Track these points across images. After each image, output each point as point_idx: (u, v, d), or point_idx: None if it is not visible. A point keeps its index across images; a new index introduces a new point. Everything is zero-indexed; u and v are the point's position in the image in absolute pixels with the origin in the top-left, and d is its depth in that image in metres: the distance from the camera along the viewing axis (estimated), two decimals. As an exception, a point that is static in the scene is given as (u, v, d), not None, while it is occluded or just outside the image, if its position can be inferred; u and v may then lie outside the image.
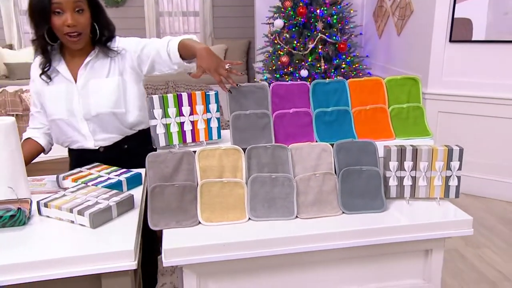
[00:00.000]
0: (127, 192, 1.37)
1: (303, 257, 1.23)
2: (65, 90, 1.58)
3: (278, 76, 3.94)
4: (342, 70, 3.83)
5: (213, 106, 1.44)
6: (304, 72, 3.72)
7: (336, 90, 1.49)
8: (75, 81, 1.58)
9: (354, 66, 3.90)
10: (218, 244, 1.15)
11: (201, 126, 1.43)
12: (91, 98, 1.57)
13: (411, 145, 1.38)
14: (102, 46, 1.58)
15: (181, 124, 1.41)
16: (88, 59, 1.58)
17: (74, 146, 1.65)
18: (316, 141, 1.43)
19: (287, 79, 3.85)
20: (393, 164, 1.36)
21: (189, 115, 1.41)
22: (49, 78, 1.57)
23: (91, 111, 1.57)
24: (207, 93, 1.43)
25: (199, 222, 1.25)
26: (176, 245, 1.15)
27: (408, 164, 1.36)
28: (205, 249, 1.15)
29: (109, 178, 1.42)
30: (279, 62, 3.85)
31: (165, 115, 1.39)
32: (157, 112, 1.38)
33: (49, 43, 1.53)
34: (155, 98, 1.37)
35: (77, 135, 1.61)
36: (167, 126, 1.39)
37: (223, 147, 1.32)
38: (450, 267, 2.37)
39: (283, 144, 1.36)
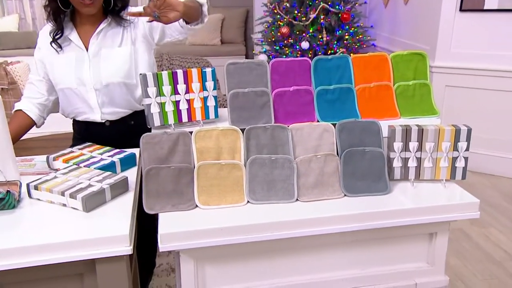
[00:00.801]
0: (121, 174, 1.32)
1: (303, 241, 1.20)
2: (76, 58, 1.56)
3: (277, 48, 3.83)
4: (345, 41, 3.71)
5: (209, 84, 1.37)
6: (305, 44, 3.61)
7: (339, 67, 1.42)
8: (86, 49, 1.55)
9: (357, 37, 3.78)
10: (216, 228, 1.12)
11: (197, 104, 1.37)
12: (102, 67, 1.55)
13: (416, 125, 1.32)
14: (115, 16, 1.56)
15: (177, 103, 1.35)
16: (101, 27, 1.56)
17: (80, 118, 1.63)
18: (318, 121, 1.38)
19: (287, 51, 3.74)
20: (398, 144, 1.31)
21: (185, 93, 1.35)
22: (60, 46, 1.55)
23: (102, 80, 1.55)
24: (203, 70, 1.36)
25: (196, 206, 1.21)
26: (173, 229, 1.11)
27: (413, 144, 1.31)
28: (202, 233, 1.12)
29: (102, 159, 1.38)
30: (278, 33, 3.73)
31: (160, 93, 1.33)
32: (151, 90, 1.32)
33: (61, 8, 1.49)
34: (149, 75, 1.31)
35: (84, 106, 1.59)
36: (161, 105, 1.33)
37: (221, 127, 1.27)
38: (454, 247, 2.34)
39: (283, 124, 1.31)
